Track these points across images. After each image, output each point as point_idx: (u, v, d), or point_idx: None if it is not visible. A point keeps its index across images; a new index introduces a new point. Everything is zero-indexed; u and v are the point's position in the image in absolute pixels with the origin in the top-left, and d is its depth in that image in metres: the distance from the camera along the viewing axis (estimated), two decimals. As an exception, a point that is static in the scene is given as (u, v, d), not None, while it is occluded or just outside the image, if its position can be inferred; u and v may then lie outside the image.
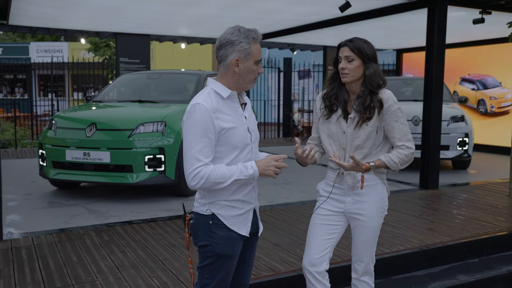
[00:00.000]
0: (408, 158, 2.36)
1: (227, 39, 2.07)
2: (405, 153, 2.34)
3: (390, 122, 2.36)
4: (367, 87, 2.37)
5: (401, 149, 2.35)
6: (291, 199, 5.78)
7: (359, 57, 2.35)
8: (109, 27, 9.81)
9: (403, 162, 2.35)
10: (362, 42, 2.38)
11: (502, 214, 5.16)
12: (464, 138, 7.59)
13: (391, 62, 13.66)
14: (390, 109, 2.35)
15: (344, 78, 2.38)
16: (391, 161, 2.33)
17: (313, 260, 2.45)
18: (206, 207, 2.12)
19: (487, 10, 7.02)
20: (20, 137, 11.14)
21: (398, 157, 2.34)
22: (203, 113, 2.01)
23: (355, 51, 2.35)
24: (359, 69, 2.37)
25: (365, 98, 2.36)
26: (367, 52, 2.36)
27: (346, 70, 2.36)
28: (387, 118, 2.36)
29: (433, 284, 3.74)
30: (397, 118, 2.35)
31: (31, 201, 5.57)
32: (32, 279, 3.28)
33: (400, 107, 2.38)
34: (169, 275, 3.36)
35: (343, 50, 2.39)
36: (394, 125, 2.36)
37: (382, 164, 2.34)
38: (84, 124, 5.52)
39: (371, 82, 2.36)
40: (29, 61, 20.10)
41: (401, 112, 2.38)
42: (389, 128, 2.37)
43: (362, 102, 2.36)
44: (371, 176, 2.42)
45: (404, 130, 2.36)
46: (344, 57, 2.37)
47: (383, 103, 2.35)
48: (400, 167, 2.36)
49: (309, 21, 8.75)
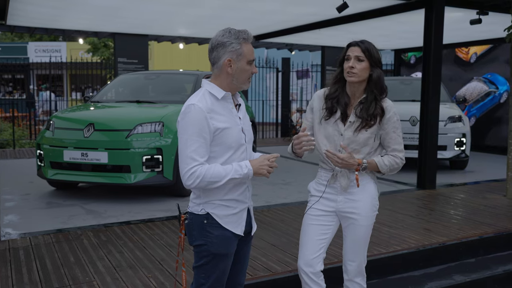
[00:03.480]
0: (398, 165, 2.46)
1: (218, 41, 2.10)
2: (396, 161, 2.45)
3: (389, 132, 2.43)
4: (372, 92, 2.40)
5: (394, 156, 2.45)
6: (289, 199, 5.79)
7: (368, 60, 2.37)
8: (107, 27, 9.81)
9: (392, 168, 2.44)
10: (372, 45, 2.41)
11: (498, 214, 5.18)
12: (461, 138, 7.61)
13: (389, 62, 13.68)
14: (391, 120, 2.42)
15: (351, 77, 2.38)
16: (383, 163, 2.42)
17: (308, 260, 2.46)
18: (200, 206, 2.14)
19: (484, 11, 7.05)
20: (18, 137, 11.13)
21: (390, 162, 2.43)
22: (198, 114, 2.04)
23: (366, 53, 2.37)
24: (365, 71, 2.38)
25: (369, 104, 2.39)
26: (375, 56, 2.39)
27: (354, 70, 2.37)
28: (386, 128, 2.42)
29: (430, 284, 3.76)
30: (395, 129, 2.44)
31: (29, 202, 5.58)
32: (30, 280, 3.29)
33: (398, 118, 2.46)
34: (166, 276, 3.37)
35: (353, 49, 2.40)
36: (392, 136, 2.44)
37: (373, 164, 2.41)
38: (82, 125, 5.53)
39: (376, 86, 2.39)
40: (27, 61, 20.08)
41: (399, 124, 2.46)
42: (386, 138, 2.45)
43: (366, 109, 2.39)
44: (363, 175, 2.45)
45: (399, 141, 2.46)
46: (354, 57, 2.38)
47: (385, 112, 2.40)
48: (388, 172, 2.45)
49: (307, 21, 8.77)
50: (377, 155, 2.47)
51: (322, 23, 8.60)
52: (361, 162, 2.38)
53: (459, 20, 7.80)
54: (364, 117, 2.38)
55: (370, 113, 2.37)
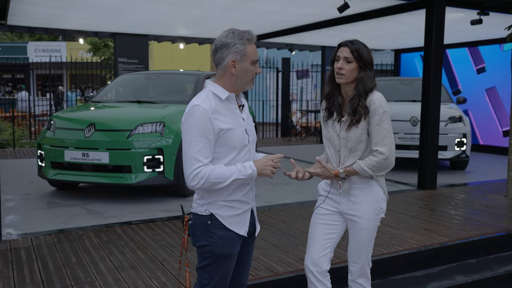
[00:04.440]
0: (380, 164, 2.33)
1: (222, 42, 2.10)
2: (376, 160, 2.32)
3: (373, 125, 2.35)
4: (358, 90, 2.38)
5: (373, 156, 2.35)
6: (290, 200, 5.79)
7: (357, 61, 2.36)
8: (107, 27, 9.80)
9: (375, 169, 2.34)
10: (362, 45, 2.39)
11: (499, 214, 5.18)
12: (462, 139, 7.61)
13: (389, 62, 13.68)
14: (375, 113, 2.34)
15: (339, 79, 2.39)
16: (360, 168, 2.35)
17: (315, 259, 2.47)
18: (204, 207, 2.14)
19: (485, 11, 7.05)
20: (18, 137, 11.12)
21: (368, 164, 2.34)
22: (202, 114, 2.03)
23: (354, 54, 2.36)
24: (354, 72, 2.37)
25: (354, 101, 2.37)
26: (365, 57, 2.36)
27: (343, 71, 2.37)
28: (372, 121, 2.35)
29: (432, 285, 3.76)
30: (379, 122, 2.32)
31: (29, 202, 5.57)
32: (31, 280, 3.29)
33: (386, 110, 2.34)
34: (168, 276, 3.37)
35: (342, 50, 2.40)
36: (375, 129, 2.34)
37: (352, 171, 2.38)
38: (83, 125, 5.52)
39: (359, 86, 2.36)
40: (27, 60, 20.07)
41: (386, 117, 2.34)
42: (371, 131, 2.36)
43: (351, 105, 2.37)
44: (366, 178, 2.42)
45: (382, 134, 2.32)
46: (343, 58, 2.38)
47: (369, 105, 2.34)
48: (377, 172, 2.36)
49: (307, 21, 8.77)
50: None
51: (322, 23, 8.60)
52: (337, 173, 2.39)
53: (460, 20, 7.80)
54: (351, 114, 2.36)
55: (353, 109, 2.35)
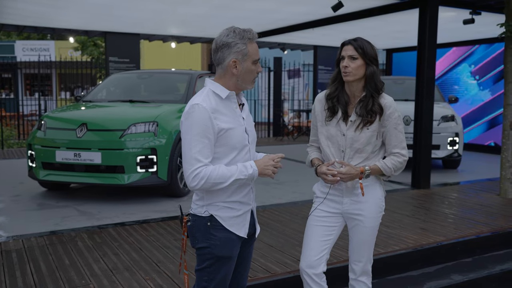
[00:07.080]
0: (402, 165, 2.44)
1: (223, 41, 2.05)
2: (399, 160, 2.42)
3: (390, 128, 2.40)
4: (369, 90, 2.37)
5: (395, 156, 2.42)
6: (284, 200, 5.76)
7: (362, 57, 2.35)
8: (99, 26, 9.70)
9: (396, 169, 2.42)
10: (366, 42, 2.38)
11: (493, 213, 5.20)
12: (454, 138, 7.65)
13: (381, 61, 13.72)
14: (392, 116, 2.38)
15: (346, 77, 2.37)
16: (386, 167, 2.40)
17: (311, 262, 2.43)
18: (204, 208, 2.10)
19: (477, 11, 7.09)
20: (6, 137, 10.96)
21: (392, 164, 2.40)
22: (202, 113, 1.99)
23: (359, 51, 2.35)
24: (361, 69, 2.36)
25: (367, 101, 2.37)
26: (369, 53, 2.36)
27: (348, 69, 2.35)
28: (387, 125, 2.39)
29: (428, 284, 3.75)
30: (396, 125, 2.40)
31: (19, 203, 5.47)
32: (24, 283, 3.22)
33: (400, 114, 2.43)
34: (164, 278, 3.32)
35: (346, 48, 2.38)
36: (393, 132, 2.40)
37: (377, 169, 2.39)
38: (74, 125, 5.43)
39: (370, 83, 2.36)
40: (14, 59, 19.80)
41: (400, 120, 2.43)
42: (387, 135, 2.41)
43: (365, 106, 2.37)
44: (372, 177, 2.42)
45: (400, 137, 2.42)
46: (348, 56, 2.36)
47: (384, 109, 2.37)
48: (394, 173, 2.43)
49: (300, 20, 8.75)
50: (381, 153, 2.46)
51: (315, 22, 8.58)
52: (364, 170, 2.35)
53: (453, 20, 7.83)
54: (364, 114, 2.36)
55: (368, 109, 2.36)
